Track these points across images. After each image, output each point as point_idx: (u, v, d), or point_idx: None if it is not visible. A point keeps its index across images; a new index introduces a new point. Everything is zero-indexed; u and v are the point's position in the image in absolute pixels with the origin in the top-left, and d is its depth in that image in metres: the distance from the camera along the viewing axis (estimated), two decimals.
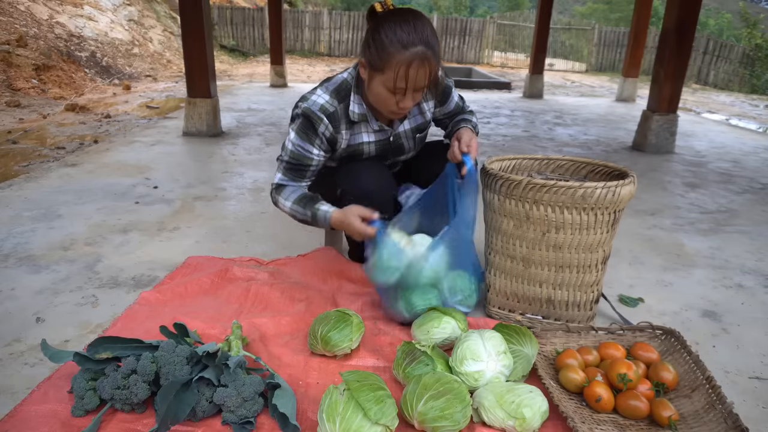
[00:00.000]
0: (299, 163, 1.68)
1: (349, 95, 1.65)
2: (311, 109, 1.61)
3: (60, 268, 2.04)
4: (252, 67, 12.73)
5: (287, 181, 1.71)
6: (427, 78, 1.50)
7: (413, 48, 1.44)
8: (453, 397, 1.21)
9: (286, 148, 1.68)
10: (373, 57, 1.49)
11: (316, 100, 1.62)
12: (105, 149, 4.02)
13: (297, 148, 1.66)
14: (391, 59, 1.45)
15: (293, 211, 1.67)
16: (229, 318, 1.67)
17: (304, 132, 1.64)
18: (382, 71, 1.48)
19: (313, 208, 1.62)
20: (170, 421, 1.19)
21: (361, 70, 1.58)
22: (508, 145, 4.73)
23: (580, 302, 1.68)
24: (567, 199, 1.52)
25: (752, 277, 2.22)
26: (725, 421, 1.22)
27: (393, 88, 1.50)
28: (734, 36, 18.70)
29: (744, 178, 3.88)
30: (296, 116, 1.66)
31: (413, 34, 1.44)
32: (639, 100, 8.16)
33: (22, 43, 7.21)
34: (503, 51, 16.81)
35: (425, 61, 1.46)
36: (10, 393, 1.33)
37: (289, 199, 1.68)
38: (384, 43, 1.45)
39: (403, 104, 1.54)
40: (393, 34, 1.44)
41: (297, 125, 1.65)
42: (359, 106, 1.67)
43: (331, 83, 1.66)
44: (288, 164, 1.69)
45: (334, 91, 1.64)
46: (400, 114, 1.61)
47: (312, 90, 1.67)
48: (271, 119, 5.54)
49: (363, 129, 1.72)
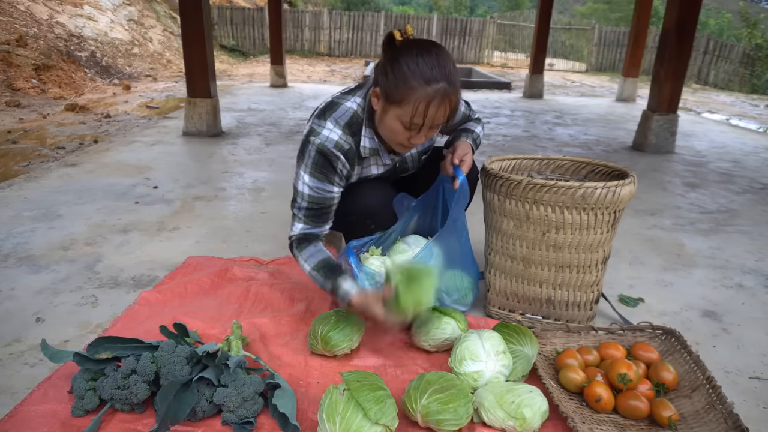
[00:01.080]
0: (320, 207, 1.54)
1: (360, 130, 1.53)
2: (327, 147, 1.47)
3: (60, 268, 2.04)
4: (252, 67, 12.73)
5: (309, 229, 1.56)
6: (446, 116, 1.42)
7: (435, 84, 1.35)
8: (456, 392, 1.23)
9: (301, 192, 1.52)
10: (390, 89, 1.39)
11: (329, 136, 1.47)
12: (105, 149, 4.02)
13: (316, 191, 1.51)
14: (411, 94, 1.35)
15: (312, 277, 1.54)
16: (229, 318, 1.67)
17: (321, 172, 1.50)
18: (399, 104, 1.38)
19: (334, 282, 1.47)
20: (170, 421, 1.19)
21: (374, 101, 1.47)
22: (508, 145, 4.73)
23: (580, 302, 1.68)
24: (567, 199, 1.52)
25: (752, 277, 2.22)
26: (725, 421, 1.22)
27: (408, 124, 1.40)
28: (734, 36, 18.71)
29: (744, 178, 3.88)
30: (307, 154, 1.49)
31: (436, 69, 1.35)
32: (639, 100, 8.16)
33: (22, 43, 7.20)
34: (503, 51, 16.81)
35: (446, 99, 1.37)
36: (10, 393, 1.33)
37: (309, 262, 1.54)
38: (405, 75, 1.35)
39: (414, 140, 1.46)
40: (415, 66, 1.35)
41: (311, 165, 1.49)
42: (370, 140, 1.56)
43: (341, 115, 1.50)
44: (308, 211, 1.54)
45: (347, 126, 1.50)
46: (408, 149, 1.54)
47: (318, 121, 1.50)
48: (271, 119, 5.54)
49: (372, 162, 1.63)
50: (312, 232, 1.57)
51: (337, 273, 1.49)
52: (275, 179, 3.37)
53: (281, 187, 3.19)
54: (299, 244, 1.57)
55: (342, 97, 1.56)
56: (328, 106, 1.53)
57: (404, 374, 1.46)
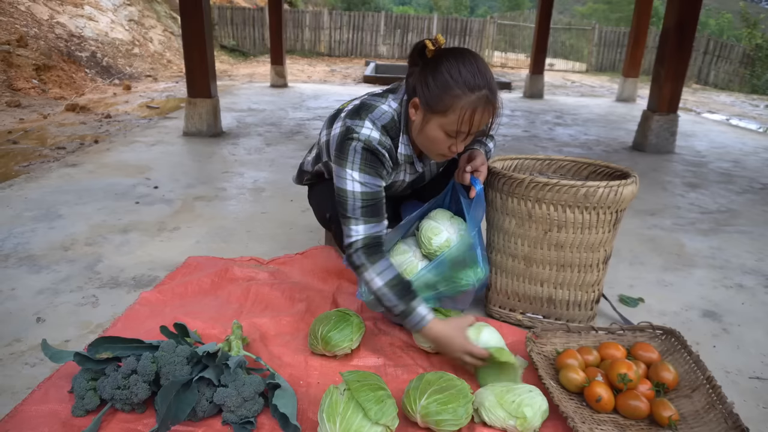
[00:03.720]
0: (376, 201, 1.47)
1: (398, 135, 1.51)
2: (372, 144, 1.44)
3: (60, 268, 2.04)
4: (252, 67, 12.72)
5: (373, 228, 1.46)
6: (490, 122, 1.43)
7: (479, 92, 1.34)
8: (456, 392, 1.23)
9: (352, 192, 1.44)
10: (432, 98, 1.37)
11: (371, 135, 1.44)
12: (105, 149, 4.02)
13: (369, 186, 1.45)
14: (456, 102, 1.34)
15: (380, 294, 1.43)
16: (230, 318, 1.67)
17: (371, 167, 1.45)
18: (443, 114, 1.37)
19: (409, 305, 1.41)
20: (170, 421, 1.19)
21: (412, 111, 1.44)
22: (508, 145, 4.73)
23: (581, 302, 1.68)
24: (569, 197, 1.52)
25: (752, 277, 2.22)
26: (725, 421, 1.22)
27: (454, 132, 1.39)
28: (734, 36, 18.69)
29: (744, 178, 3.88)
30: (353, 151, 1.43)
31: (478, 77, 1.35)
32: (639, 100, 8.15)
33: (22, 43, 7.21)
34: (503, 51, 16.81)
35: (489, 105, 1.37)
36: (11, 393, 1.33)
37: (382, 276, 1.43)
38: (448, 83, 1.34)
39: (455, 148, 1.44)
40: (458, 74, 1.34)
41: (359, 161, 1.44)
42: (406, 147, 1.53)
43: (378, 117, 1.47)
44: (365, 209, 1.45)
45: (384, 128, 1.47)
46: (449, 157, 1.51)
47: (354, 119, 1.46)
48: (272, 119, 5.54)
49: (403, 168, 1.62)
50: (377, 232, 1.48)
51: (412, 294, 1.43)
52: (276, 179, 3.37)
53: (282, 187, 3.20)
54: (370, 252, 1.45)
55: (375, 99, 1.53)
56: (362, 106, 1.50)
57: (404, 374, 1.46)
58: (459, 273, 1.59)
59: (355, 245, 1.46)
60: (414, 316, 1.41)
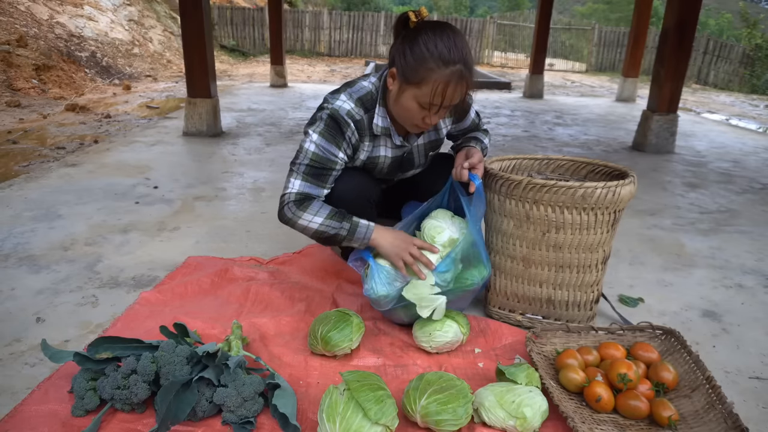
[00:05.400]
0: (322, 167, 1.55)
1: (374, 107, 1.58)
2: (339, 112, 1.53)
3: (60, 268, 2.04)
4: (252, 67, 12.72)
5: (308, 188, 1.55)
6: (462, 97, 1.47)
7: (453, 66, 1.39)
8: (456, 392, 1.23)
9: (306, 150, 1.55)
10: (408, 69, 1.42)
11: (342, 105, 1.54)
12: (105, 149, 4.02)
13: (321, 150, 1.54)
14: (430, 74, 1.39)
15: (323, 229, 1.52)
16: (229, 318, 1.67)
17: (330, 134, 1.54)
18: (417, 85, 1.42)
19: (351, 220, 1.52)
20: (170, 421, 1.19)
21: (389, 81, 1.51)
22: (508, 145, 4.73)
23: (581, 302, 1.68)
24: (567, 199, 1.52)
25: (752, 277, 2.22)
26: (725, 421, 1.22)
27: (427, 104, 1.44)
28: (734, 36, 18.69)
29: (744, 178, 3.88)
30: (319, 118, 1.55)
31: (454, 51, 1.39)
32: (639, 100, 8.16)
33: (22, 43, 7.21)
34: (503, 51, 16.81)
35: (463, 80, 1.41)
36: (10, 393, 1.33)
37: (319, 214, 1.52)
38: (424, 56, 1.39)
39: (429, 120, 1.49)
40: (434, 47, 1.38)
41: (321, 127, 1.54)
42: (383, 119, 1.59)
43: (355, 90, 1.57)
44: (309, 168, 1.55)
45: (359, 100, 1.56)
46: (423, 129, 1.56)
47: (334, 94, 1.58)
48: (272, 119, 5.54)
49: (383, 143, 1.66)
50: (310, 192, 1.56)
51: (350, 215, 1.53)
52: (275, 179, 3.37)
53: (281, 187, 3.18)
54: (300, 202, 1.54)
55: (358, 78, 1.63)
56: (345, 84, 1.61)
57: (404, 374, 1.46)
58: (465, 272, 1.59)
59: (287, 197, 1.56)
60: (360, 227, 1.51)
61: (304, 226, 1.54)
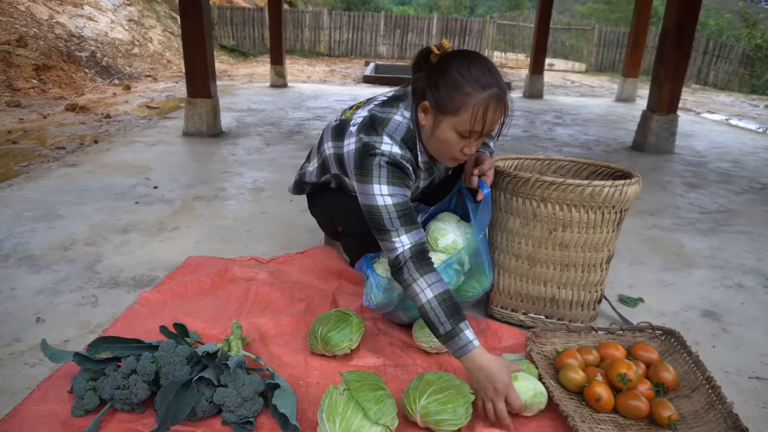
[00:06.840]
0: (409, 210, 1.41)
1: (415, 145, 1.48)
2: (396, 158, 1.41)
3: (60, 268, 2.04)
4: (252, 67, 12.72)
5: (417, 235, 1.39)
6: (502, 121, 1.41)
7: (490, 89, 1.33)
8: (456, 392, 1.23)
9: (384, 206, 1.38)
10: (444, 99, 1.36)
11: (392, 150, 1.41)
12: (105, 149, 4.02)
13: (399, 197, 1.40)
14: (468, 100, 1.33)
15: (429, 308, 1.31)
16: (229, 318, 1.67)
17: (398, 178, 1.41)
18: (455, 113, 1.35)
19: (457, 325, 1.29)
20: (170, 421, 1.19)
21: (421, 116, 1.43)
22: (508, 145, 4.73)
23: (584, 302, 1.68)
24: (575, 197, 1.52)
25: (752, 277, 2.22)
26: (725, 421, 1.22)
27: (467, 132, 1.36)
28: (734, 36, 18.69)
29: (744, 178, 3.88)
30: (376, 166, 1.40)
31: (488, 75, 1.35)
32: (639, 100, 8.15)
33: (22, 43, 7.20)
34: (503, 51, 16.80)
35: (501, 103, 1.36)
36: (10, 393, 1.33)
37: (432, 288, 1.33)
38: (459, 83, 1.33)
39: (468, 150, 1.41)
40: (468, 74, 1.34)
41: (386, 175, 1.40)
42: (422, 154, 1.51)
43: (394, 130, 1.44)
44: (401, 219, 1.38)
45: (402, 141, 1.44)
46: (461, 161, 1.47)
47: (371, 137, 1.43)
48: (271, 119, 5.54)
49: (420, 176, 1.58)
50: (421, 239, 1.40)
51: (461, 315, 1.31)
52: (275, 179, 3.37)
53: (281, 186, 3.19)
54: (419, 263, 1.36)
55: (385, 110, 1.49)
56: (375, 120, 1.46)
57: (404, 374, 1.46)
58: (465, 284, 1.59)
59: (403, 257, 1.36)
60: (461, 338, 1.28)
61: (418, 292, 1.34)
